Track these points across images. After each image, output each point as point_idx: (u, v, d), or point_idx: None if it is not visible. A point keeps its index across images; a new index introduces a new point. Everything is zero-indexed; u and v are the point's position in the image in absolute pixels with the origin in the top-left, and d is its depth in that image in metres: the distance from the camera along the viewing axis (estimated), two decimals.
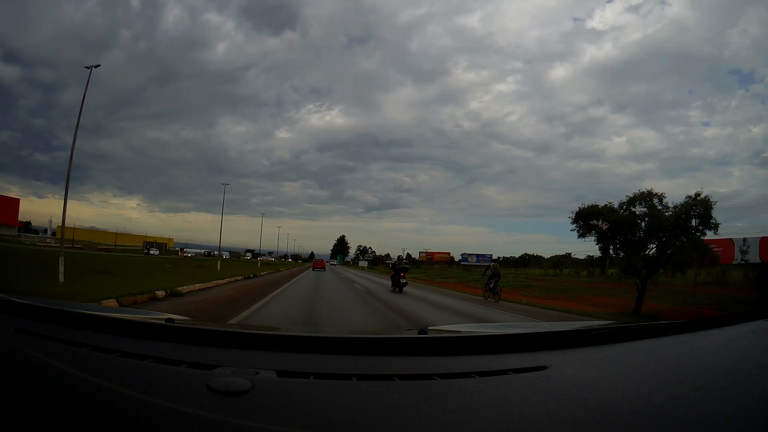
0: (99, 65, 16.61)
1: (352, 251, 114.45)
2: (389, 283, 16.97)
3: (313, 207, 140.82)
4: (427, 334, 1.27)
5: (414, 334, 1.26)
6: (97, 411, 0.70)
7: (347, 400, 0.77)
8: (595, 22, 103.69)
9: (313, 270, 34.39)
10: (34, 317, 1.18)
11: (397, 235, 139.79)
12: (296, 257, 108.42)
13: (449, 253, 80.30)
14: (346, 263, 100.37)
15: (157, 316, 1.49)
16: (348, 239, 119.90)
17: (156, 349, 0.95)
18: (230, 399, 0.71)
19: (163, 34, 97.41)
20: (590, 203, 10.25)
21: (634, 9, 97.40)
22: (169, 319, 1.29)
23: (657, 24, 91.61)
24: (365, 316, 8.29)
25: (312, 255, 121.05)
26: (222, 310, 7.81)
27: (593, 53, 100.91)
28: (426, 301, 12.82)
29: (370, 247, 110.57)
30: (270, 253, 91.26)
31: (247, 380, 0.77)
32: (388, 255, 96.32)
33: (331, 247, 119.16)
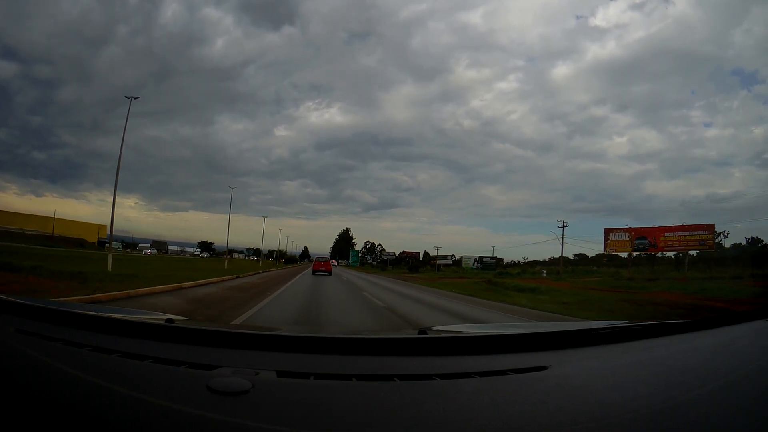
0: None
1: (358, 248, 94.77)
2: None
3: (311, 206, 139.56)
4: (427, 334, 1.27)
5: (414, 335, 1.26)
6: (97, 411, 0.70)
7: (347, 400, 0.77)
8: (599, 20, 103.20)
9: (313, 274, 24.32)
10: (34, 317, 1.18)
11: (396, 234, 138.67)
12: (279, 255, 79.25)
13: (712, 227, 31.48)
14: (351, 264, 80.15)
15: (157, 316, 1.49)
16: (353, 234, 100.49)
17: (156, 349, 0.95)
18: (230, 399, 0.71)
19: (161, 30, 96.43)
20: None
21: (637, 7, 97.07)
22: (169, 320, 1.29)
23: (661, 23, 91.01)
24: None
25: (305, 252, 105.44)
26: None
27: (596, 51, 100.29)
28: None
29: (379, 244, 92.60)
30: (250, 252, 74.04)
31: (247, 380, 0.77)
32: (417, 255, 79.37)
33: (332, 245, 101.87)
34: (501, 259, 67.30)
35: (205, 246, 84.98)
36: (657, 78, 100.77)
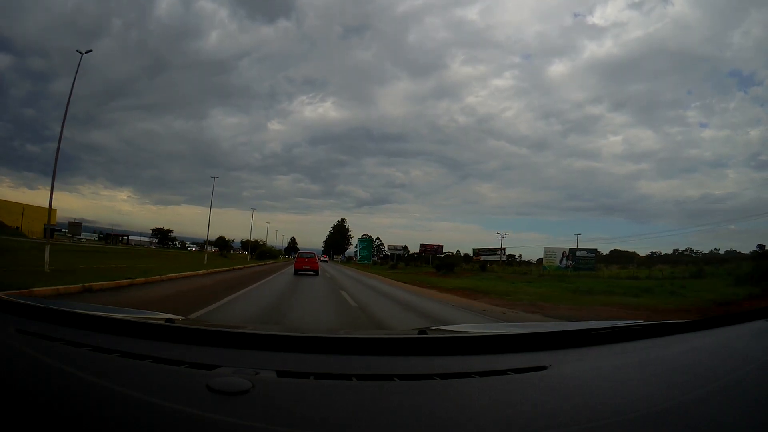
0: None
1: (355, 242, 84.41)
2: None
3: (304, 201, 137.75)
4: (427, 334, 1.27)
5: (414, 334, 1.26)
6: (97, 411, 0.70)
7: (347, 400, 0.77)
8: (596, 18, 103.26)
9: (295, 274, 18.41)
10: (34, 317, 1.18)
11: (389, 230, 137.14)
12: (252, 248, 57.19)
13: None
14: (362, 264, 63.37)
15: (157, 316, 1.49)
16: (349, 227, 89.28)
17: (156, 349, 0.95)
18: (230, 399, 0.72)
19: (156, 22, 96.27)
20: None
21: (636, 6, 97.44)
22: (169, 319, 1.29)
23: (659, 22, 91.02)
24: None
25: (293, 244, 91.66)
26: None
27: (593, 50, 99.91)
28: None
29: (377, 238, 79.76)
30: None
31: (247, 380, 0.77)
32: (440, 248, 62.23)
33: (324, 239, 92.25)
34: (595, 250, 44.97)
35: (162, 234, 68.99)
36: (654, 77, 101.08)
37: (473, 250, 57.92)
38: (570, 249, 45.31)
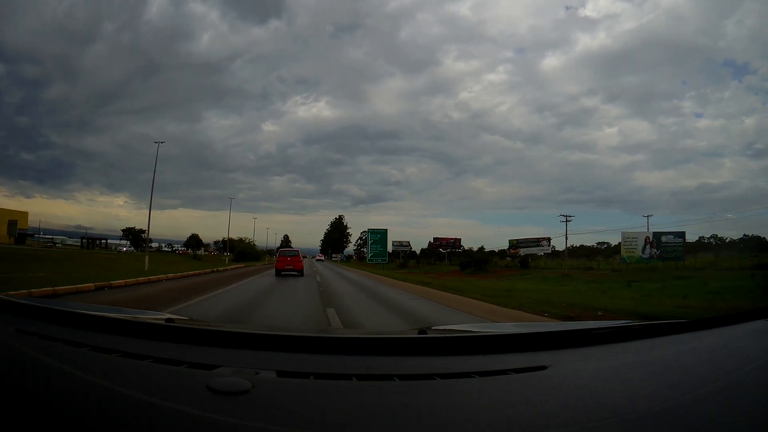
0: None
1: (354, 239, 79.62)
2: None
3: (300, 201, 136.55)
4: (427, 334, 1.27)
5: (414, 334, 1.26)
6: (97, 411, 0.70)
7: (347, 400, 0.77)
8: (589, 11, 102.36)
9: (276, 276, 16.88)
10: (34, 317, 1.18)
11: (385, 228, 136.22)
12: (229, 248, 51.55)
13: None
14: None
15: (157, 316, 1.49)
16: (347, 224, 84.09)
17: (156, 349, 0.95)
18: (230, 399, 0.72)
19: (147, 26, 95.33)
20: None
21: None
22: (169, 320, 1.30)
23: (651, 13, 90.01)
24: None
25: (285, 242, 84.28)
26: None
27: (586, 42, 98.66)
28: None
29: None
30: (218, 245, 59.12)
31: (247, 380, 0.77)
32: (458, 242, 56.00)
33: (321, 238, 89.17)
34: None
35: (134, 235, 57.92)
36: (648, 69, 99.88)
37: (509, 241, 48.24)
38: (654, 233, 35.88)
